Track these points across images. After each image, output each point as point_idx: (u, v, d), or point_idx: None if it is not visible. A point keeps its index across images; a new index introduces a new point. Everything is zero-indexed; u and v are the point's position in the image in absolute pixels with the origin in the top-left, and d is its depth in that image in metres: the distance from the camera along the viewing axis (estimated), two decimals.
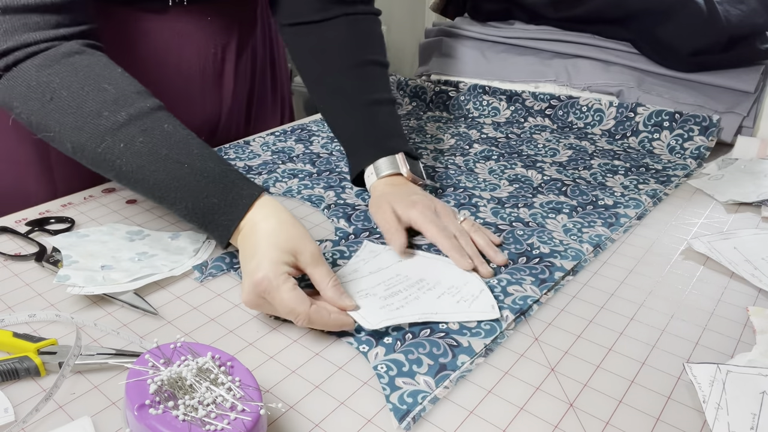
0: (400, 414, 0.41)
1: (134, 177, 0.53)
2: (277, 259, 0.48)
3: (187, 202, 0.53)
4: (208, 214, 0.53)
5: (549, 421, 0.41)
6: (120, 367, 0.45)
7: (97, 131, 0.52)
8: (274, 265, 0.48)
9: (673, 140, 0.85)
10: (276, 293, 0.47)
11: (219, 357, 0.40)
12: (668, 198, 0.74)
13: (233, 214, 0.52)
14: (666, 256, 0.61)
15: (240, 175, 0.54)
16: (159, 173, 0.52)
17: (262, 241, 0.50)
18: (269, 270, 0.47)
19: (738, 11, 0.88)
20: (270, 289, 0.47)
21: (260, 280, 0.47)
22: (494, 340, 0.49)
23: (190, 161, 0.53)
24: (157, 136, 0.53)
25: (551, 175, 0.79)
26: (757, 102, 0.88)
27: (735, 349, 0.48)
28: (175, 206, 0.53)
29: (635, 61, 0.97)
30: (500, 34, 1.11)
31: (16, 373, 0.44)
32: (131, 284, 0.54)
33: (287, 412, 0.42)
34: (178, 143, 0.53)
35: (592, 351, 0.48)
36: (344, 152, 0.86)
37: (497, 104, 1.00)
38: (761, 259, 0.59)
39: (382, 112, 0.72)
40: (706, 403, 0.41)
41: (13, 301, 0.54)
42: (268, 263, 0.48)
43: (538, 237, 0.63)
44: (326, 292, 0.50)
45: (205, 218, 0.53)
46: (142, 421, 0.34)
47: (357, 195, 0.74)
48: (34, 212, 0.69)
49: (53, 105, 0.53)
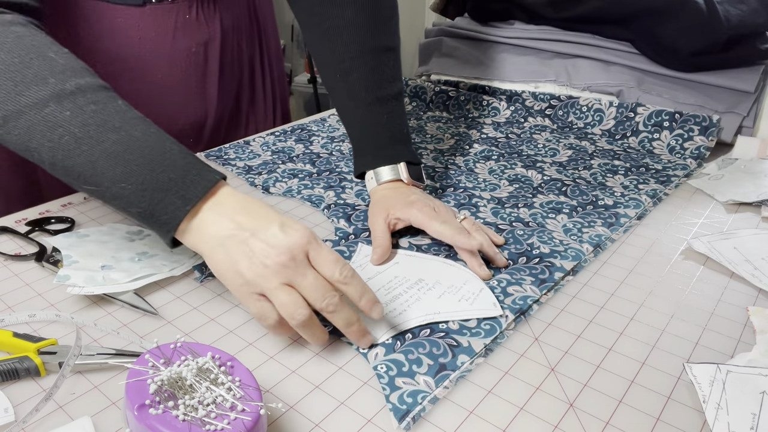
0: (400, 414, 0.41)
1: (75, 150, 0.46)
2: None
3: (137, 176, 0.46)
4: (160, 191, 0.46)
5: (549, 421, 0.41)
6: (120, 367, 0.45)
7: (40, 96, 0.46)
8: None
9: (673, 140, 0.85)
10: (321, 246, 0.45)
11: (219, 357, 0.40)
12: (668, 198, 0.74)
13: (192, 192, 0.47)
14: (666, 256, 0.61)
15: (199, 160, 0.49)
16: (107, 143, 0.46)
17: (267, 209, 0.47)
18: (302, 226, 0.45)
19: (738, 11, 0.88)
20: (314, 240, 0.45)
21: (305, 231, 0.45)
22: (494, 340, 0.49)
23: (145, 136, 0.47)
24: (110, 109, 0.48)
25: (551, 175, 0.79)
26: (757, 102, 0.88)
27: (735, 349, 0.48)
28: (119, 184, 0.46)
29: (635, 61, 0.97)
30: (500, 34, 1.11)
31: (16, 373, 0.44)
32: (131, 284, 0.54)
33: (287, 412, 0.42)
34: (134, 119, 0.48)
35: (592, 351, 0.48)
36: (344, 152, 0.86)
37: (497, 104, 1.00)
38: (761, 259, 0.59)
39: (387, 110, 0.70)
40: (706, 403, 0.41)
41: (13, 301, 0.54)
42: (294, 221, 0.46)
43: (538, 237, 0.63)
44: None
45: (155, 197, 0.46)
46: (142, 421, 0.34)
47: (357, 195, 0.74)
48: (34, 212, 0.69)
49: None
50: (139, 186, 0.46)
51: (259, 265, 0.45)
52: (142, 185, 0.46)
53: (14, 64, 0.47)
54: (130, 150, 0.46)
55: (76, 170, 0.47)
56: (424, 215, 0.60)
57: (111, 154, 0.46)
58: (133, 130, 0.47)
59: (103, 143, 0.46)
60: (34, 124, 0.46)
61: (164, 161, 0.47)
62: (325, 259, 0.46)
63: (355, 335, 0.46)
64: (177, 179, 0.46)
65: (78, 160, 0.46)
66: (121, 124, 0.47)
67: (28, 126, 0.47)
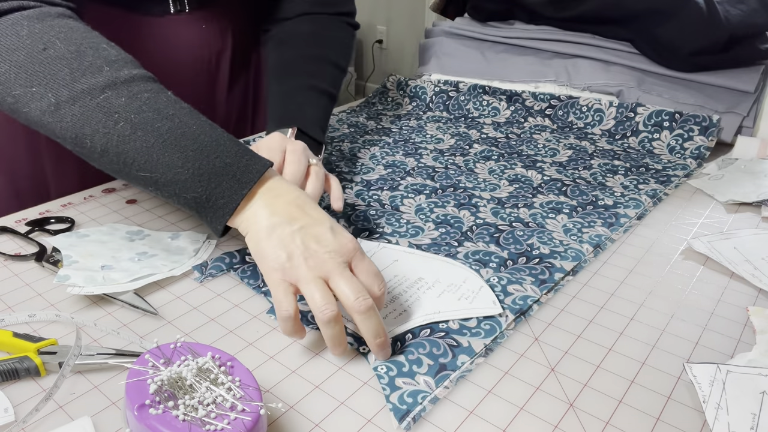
0: (400, 414, 0.41)
1: (130, 136, 0.47)
2: None
3: (194, 161, 0.47)
4: (217, 175, 0.47)
5: (549, 421, 0.41)
6: (120, 367, 0.45)
7: (96, 83, 0.48)
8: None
9: (673, 140, 0.85)
10: (365, 257, 0.46)
11: (219, 357, 0.40)
12: (668, 198, 0.74)
13: (247, 176, 0.48)
14: (666, 256, 0.61)
15: (248, 147, 0.51)
16: (163, 130, 0.48)
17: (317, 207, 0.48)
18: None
19: (738, 11, 0.88)
20: (360, 250, 0.46)
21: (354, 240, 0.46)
22: (494, 340, 0.49)
23: (198, 124, 0.49)
24: (163, 98, 0.50)
25: (551, 175, 0.79)
26: (757, 102, 0.88)
27: (735, 349, 0.48)
28: (175, 169, 0.47)
29: (635, 61, 0.97)
30: (500, 34, 1.11)
31: (16, 373, 0.44)
32: (131, 284, 0.54)
33: (287, 412, 0.42)
34: (185, 108, 0.50)
35: (592, 351, 0.48)
36: (344, 152, 0.86)
37: (497, 104, 1.00)
38: (761, 259, 0.59)
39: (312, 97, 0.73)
40: (706, 403, 0.41)
41: (13, 301, 0.54)
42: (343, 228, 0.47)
43: (538, 237, 0.63)
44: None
45: (212, 182, 0.47)
46: (142, 421, 0.34)
47: (357, 195, 0.74)
48: (34, 212, 0.69)
49: (46, 55, 0.48)
50: (196, 171, 0.47)
51: (301, 257, 0.45)
52: (199, 170, 0.47)
53: (70, 52, 0.48)
54: (185, 136, 0.48)
55: (130, 156, 0.48)
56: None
57: (167, 140, 0.47)
58: (186, 118, 0.49)
59: (159, 129, 0.47)
60: (89, 110, 0.48)
61: (218, 147, 0.48)
62: (366, 269, 0.46)
63: (378, 346, 0.45)
64: (232, 164, 0.48)
65: (133, 145, 0.48)
66: (174, 112, 0.49)
67: (83, 112, 0.48)
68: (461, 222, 0.67)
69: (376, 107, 1.08)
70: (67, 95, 0.48)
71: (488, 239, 0.63)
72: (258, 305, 0.53)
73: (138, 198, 0.73)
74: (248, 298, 0.54)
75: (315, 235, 0.46)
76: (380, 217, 0.68)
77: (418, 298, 0.52)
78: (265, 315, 0.52)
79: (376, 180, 0.77)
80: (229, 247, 0.62)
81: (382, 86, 1.12)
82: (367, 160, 0.84)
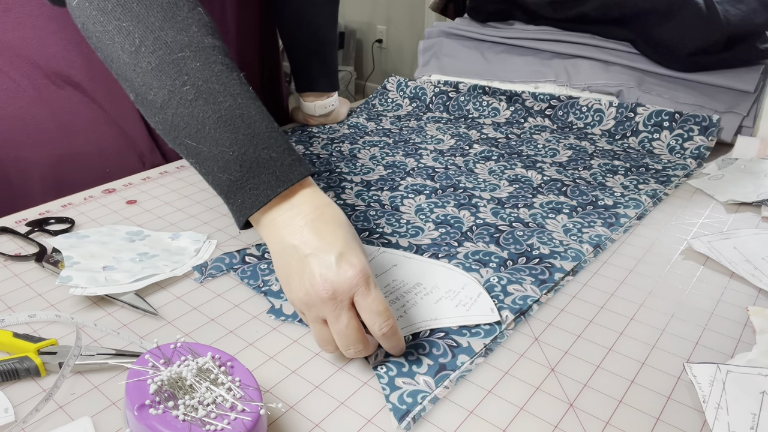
0: (400, 414, 0.41)
1: (191, 102, 0.47)
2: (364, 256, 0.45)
3: (242, 145, 0.46)
4: (258, 166, 0.46)
5: (549, 421, 0.41)
6: (120, 367, 0.46)
7: (180, 40, 0.48)
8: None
9: (673, 140, 0.85)
10: (370, 291, 0.43)
11: (219, 357, 0.40)
12: (668, 198, 0.74)
13: (286, 176, 0.47)
14: (666, 256, 0.61)
15: (297, 151, 0.50)
16: (223, 105, 0.47)
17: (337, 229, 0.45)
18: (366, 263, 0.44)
19: (738, 11, 0.88)
20: (365, 282, 0.43)
21: (359, 272, 0.43)
22: (494, 340, 0.49)
23: (258, 111, 0.48)
24: (234, 76, 0.49)
25: (551, 175, 0.79)
26: (757, 102, 0.88)
27: (735, 349, 0.48)
28: (221, 147, 0.47)
29: (635, 61, 0.97)
30: (500, 34, 1.11)
31: (16, 374, 0.44)
32: (133, 285, 0.54)
33: (287, 412, 0.42)
34: (250, 92, 0.49)
35: (592, 351, 0.48)
36: (344, 152, 0.86)
37: (497, 104, 1.00)
38: (761, 259, 0.59)
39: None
40: (706, 403, 0.41)
41: (14, 302, 0.54)
42: (363, 255, 0.45)
43: (537, 237, 0.63)
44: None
45: (252, 170, 0.46)
46: (142, 421, 0.34)
47: (357, 195, 0.74)
48: (34, 212, 0.69)
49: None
50: (241, 155, 0.46)
51: (302, 290, 0.44)
52: (244, 155, 0.46)
53: (167, 3, 0.48)
54: (242, 118, 0.47)
55: (184, 121, 0.47)
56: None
57: (223, 116, 0.47)
58: (248, 102, 0.48)
59: (220, 104, 0.47)
60: (164, 63, 0.47)
61: (269, 139, 0.47)
62: (369, 307, 0.44)
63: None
64: (277, 159, 0.47)
65: (190, 111, 0.47)
66: (239, 91, 0.48)
67: (158, 63, 0.47)
68: (461, 222, 0.67)
69: (376, 108, 1.08)
70: (151, 41, 0.47)
71: (488, 239, 0.63)
72: (258, 305, 0.53)
73: (138, 198, 0.73)
74: (248, 298, 0.54)
75: (319, 264, 0.44)
76: (380, 217, 0.68)
77: (415, 304, 0.52)
78: (265, 315, 0.52)
79: (376, 180, 0.78)
80: (229, 247, 0.62)
81: (382, 87, 1.12)
82: (367, 160, 0.84)
